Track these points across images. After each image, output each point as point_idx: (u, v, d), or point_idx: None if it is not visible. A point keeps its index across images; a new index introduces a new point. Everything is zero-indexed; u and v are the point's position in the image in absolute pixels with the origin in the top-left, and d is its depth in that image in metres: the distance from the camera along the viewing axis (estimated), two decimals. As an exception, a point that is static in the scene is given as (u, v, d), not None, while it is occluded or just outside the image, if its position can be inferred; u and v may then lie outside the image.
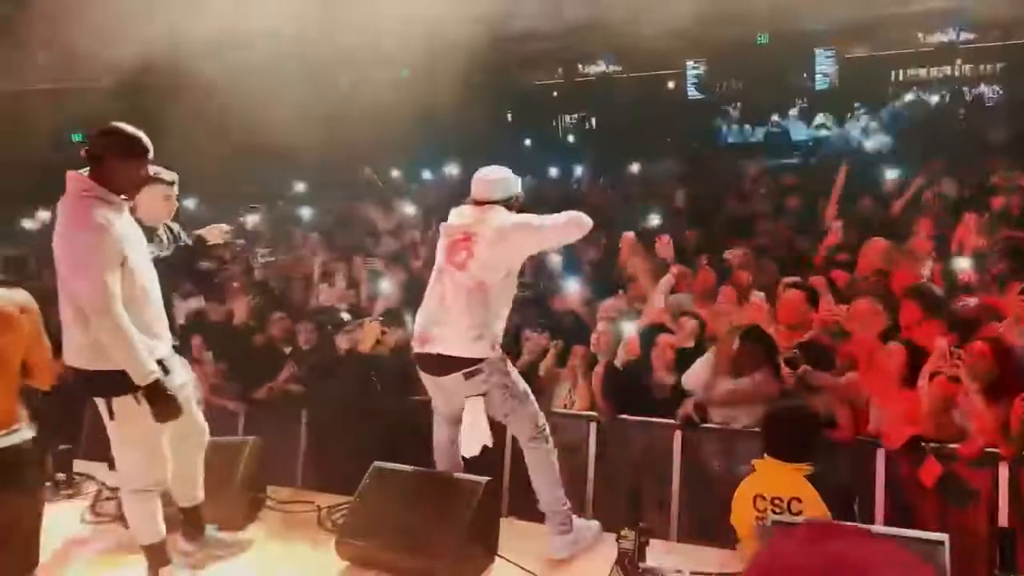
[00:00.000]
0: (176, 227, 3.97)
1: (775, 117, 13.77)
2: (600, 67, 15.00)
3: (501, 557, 3.56)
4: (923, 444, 3.82)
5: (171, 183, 3.83)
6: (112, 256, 2.99)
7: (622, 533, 3.24)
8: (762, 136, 13.86)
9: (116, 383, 3.06)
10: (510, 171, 3.64)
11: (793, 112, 13.78)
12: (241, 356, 5.50)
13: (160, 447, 3.25)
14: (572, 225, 3.53)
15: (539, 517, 3.68)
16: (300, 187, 10.61)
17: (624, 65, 14.71)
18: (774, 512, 3.33)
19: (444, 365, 3.47)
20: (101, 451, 4.66)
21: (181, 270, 3.81)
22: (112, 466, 4.20)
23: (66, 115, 10.90)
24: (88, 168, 3.10)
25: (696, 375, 4.53)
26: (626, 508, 4.41)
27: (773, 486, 3.39)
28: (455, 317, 3.45)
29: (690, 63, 14.16)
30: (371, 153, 12.64)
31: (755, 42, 13.14)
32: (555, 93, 15.56)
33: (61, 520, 4.07)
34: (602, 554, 3.51)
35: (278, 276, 7.11)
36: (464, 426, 3.49)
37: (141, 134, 3.16)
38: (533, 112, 15.41)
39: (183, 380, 3.33)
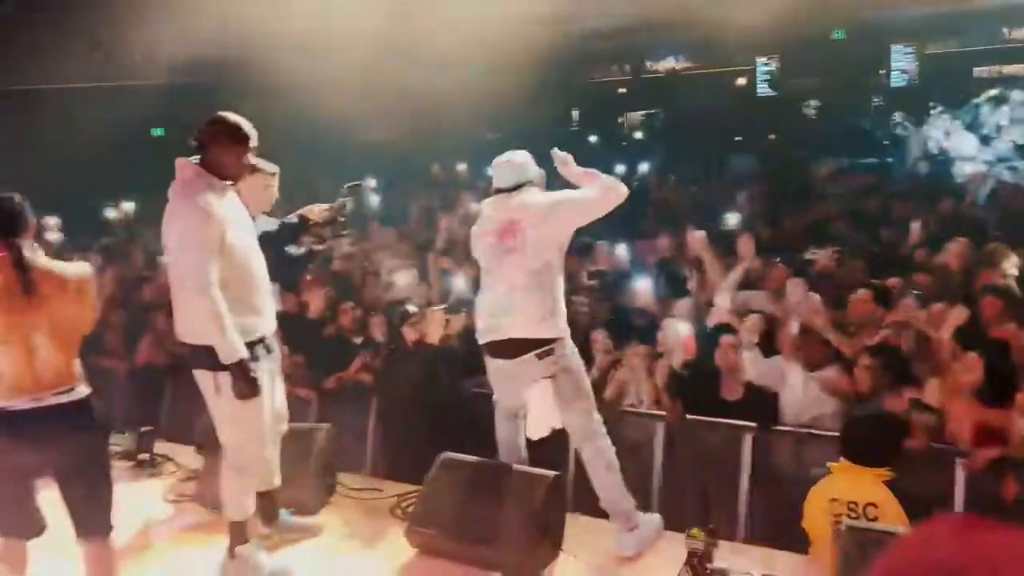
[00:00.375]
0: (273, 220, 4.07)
1: (850, 115, 13.37)
2: (669, 63, 14.81)
3: (565, 552, 3.57)
4: (1004, 460, 3.67)
5: (272, 174, 3.93)
6: (211, 240, 3.09)
7: (691, 533, 3.21)
8: (837, 134, 13.48)
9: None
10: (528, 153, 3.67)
11: (869, 110, 13.36)
12: (314, 346, 5.62)
13: (262, 426, 3.33)
14: (611, 193, 3.51)
15: (605, 514, 3.67)
16: (372, 183, 10.80)
17: (693, 61, 14.51)
18: (849, 517, 3.26)
19: (517, 348, 3.51)
20: (181, 433, 4.88)
21: (279, 250, 3.87)
22: (199, 450, 4.36)
23: (147, 112, 11.29)
24: (198, 156, 3.22)
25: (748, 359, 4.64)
26: (693, 508, 4.38)
27: (849, 490, 3.32)
28: (521, 301, 3.48)
29: (762, 59, 13.85)
30: (439, 150, 12.78)
31: (830, 38, 12.82)
32: (622, 90, 15.40)
33: (144, 499, 4.25)
34: (668, 553, 3.48)
35: (353, 268, 7.24)
36: (532, 408, 3.54)
37: (244, 122, 3.27)
38: (599, 109, 15.29)
39: (271, 367, 3.40)
